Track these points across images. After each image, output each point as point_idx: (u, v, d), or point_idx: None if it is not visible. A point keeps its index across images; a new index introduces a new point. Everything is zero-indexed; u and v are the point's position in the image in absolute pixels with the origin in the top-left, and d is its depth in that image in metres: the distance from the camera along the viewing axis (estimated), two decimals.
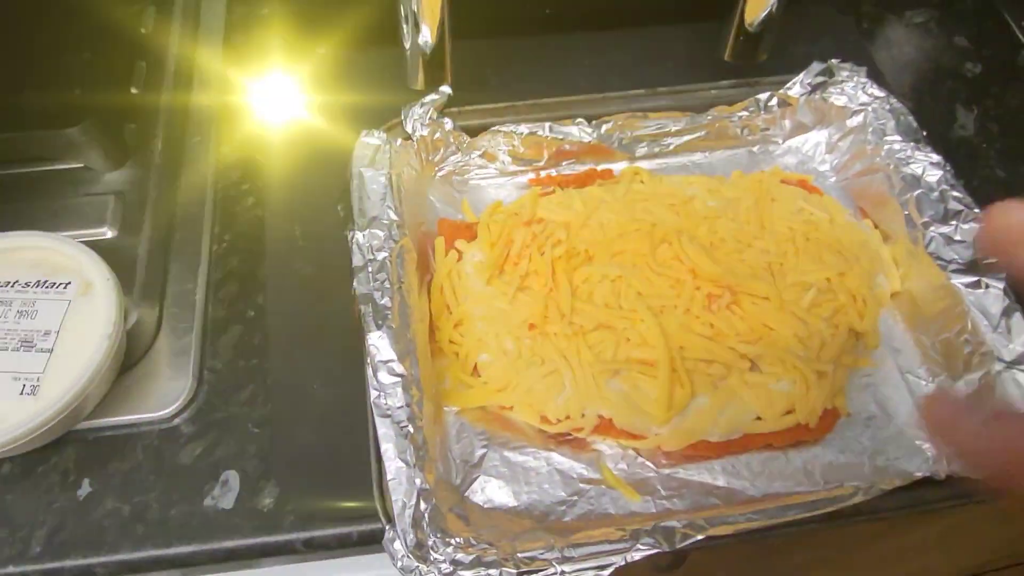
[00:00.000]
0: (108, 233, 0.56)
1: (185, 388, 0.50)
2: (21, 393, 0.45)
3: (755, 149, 0.58)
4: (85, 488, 0.46)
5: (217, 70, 0.65)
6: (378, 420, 0.41)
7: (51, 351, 0.46)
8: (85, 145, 0.56)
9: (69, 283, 0.49)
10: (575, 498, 0.44)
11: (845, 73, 0.55)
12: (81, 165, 0.58)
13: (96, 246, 0.54)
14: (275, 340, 0.51)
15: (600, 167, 0.56)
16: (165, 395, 0.49)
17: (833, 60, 0.55)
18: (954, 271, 0.47)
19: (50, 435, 0.46)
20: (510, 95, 0.60)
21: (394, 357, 0.42)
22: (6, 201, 0.56)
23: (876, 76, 0.65)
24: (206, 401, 0.50)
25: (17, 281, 0.49)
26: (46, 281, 0.49)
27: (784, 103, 0.56)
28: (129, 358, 0.51)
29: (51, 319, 0.47)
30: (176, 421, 0.49)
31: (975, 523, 0.67)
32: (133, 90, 0.63)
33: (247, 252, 0.55)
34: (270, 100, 0.63)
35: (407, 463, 0.39)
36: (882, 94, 0.54)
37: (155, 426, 0.49)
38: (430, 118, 0.52)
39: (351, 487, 0.44)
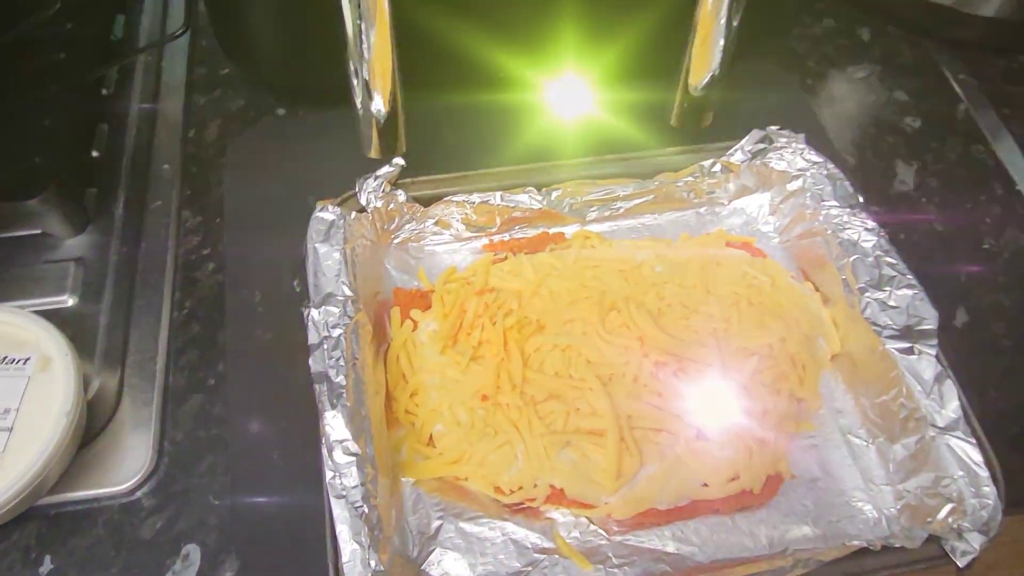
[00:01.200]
0: (69, 301, 0.57)
1: (146, 460, 0.50)
2: None
3: (702, 210, 0.60)
4: (47, 565, 0.47)
5: (178, 133, 0.66)
6: (333, 501, 0.42)
7: (11, 429, 0.47)
8: (45, 213, 0.57)
9: (28, 359, 0.50)
10: (529, 569, 0.45)
11: (783, 139, 0.57)
12: (40, 231, 0.59)
13: (57, 314, 0.55)
14: (235, 409, 0.52)
15: (552, 231, 0.58)
16: (126, 468, 0.50)
17: (771, 128, 0.58)
18: (888, 336, 0.49)
19: (11, 513, 0.46)
20: (464, 156, 0.62)
21: (349, 436, 0.43)
22: None
23: (819, 133, 0.68)
24: (167, 473, 0.50)
25: None
26: (5, 357, 0.50)
27: (726, 169, 0.58)
28: (90, 430, 0.51)
29: (10, 397, 0.48)
30: (137, 494, 0.49)
31: None
32: (95, 153, 0.64)
33: (207, 319, 0.56)
34: (231, 163, 0.64)
35: (361, 545, 0.40)
36: (820, 159, 0.56)
37: (116, 500, 0.49)
38: (384, 190, 0.53)
39: (310, 563, 0.45)
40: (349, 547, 0.40)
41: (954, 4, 0.73)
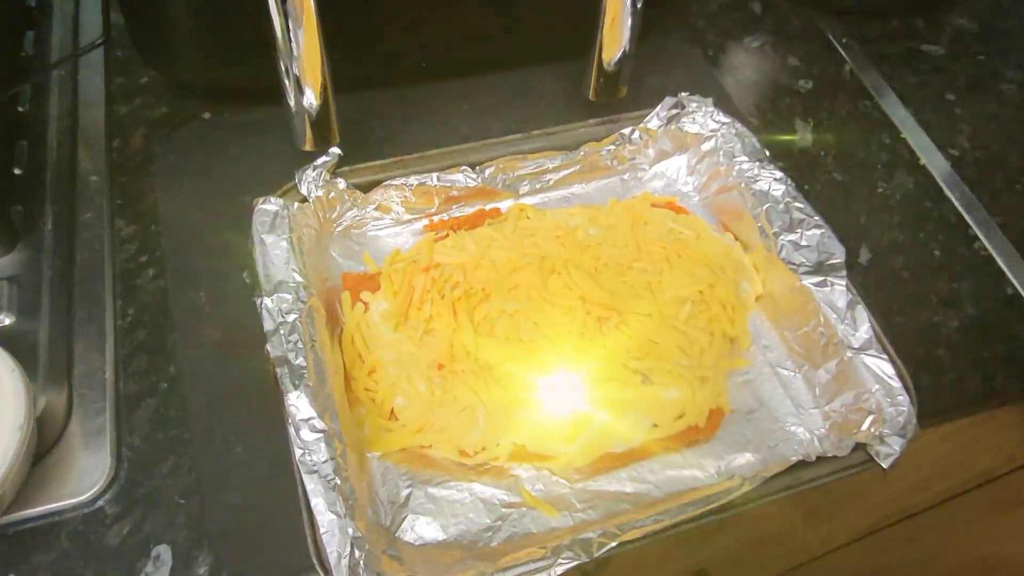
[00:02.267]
0: (6, 320, 0.55)
1: (104, 468, 0.50)
2: None
3: (626, 177, 0.64)
4: None
5: (102, 144, 0.65)
6: (306, 477, 0.43)
7: None
8: None
9: None
10: (499, 523, 0.47)
11: (694, 104, 0.61)
12: None
13: None
14: (193, 409, 0.52)
15: (488, 207, 0.60)
16: (84, 478, 0.50)
17: (682, 93, 0.62)
18: (804, 273, 0.54)
19: None
20: (396, 144, 0.64)
21: (314, 414, 0.44)
22: None
23: (724, 99, 0.73)
24: (128, 478, 0.50)
25: None
26: None
27: (645, 135, 0.62)
28: (41, 446, 0.50)
29: None
30: (99, 503, 0.49)
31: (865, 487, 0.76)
32: (16, 171, 0.63)
33: (153, 324, 0.56)
34: (161, 170, 0.63)
35: (338, 514, 0.42)
36: (728, 120, 0.61)
37: (78, 511, 0.49)
38: (323, 180, 0.54)
39: (285, 544, 0.46)
40: (326, 517, 0.42)
41: None
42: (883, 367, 0.50)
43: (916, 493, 0.79)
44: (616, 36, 0.61)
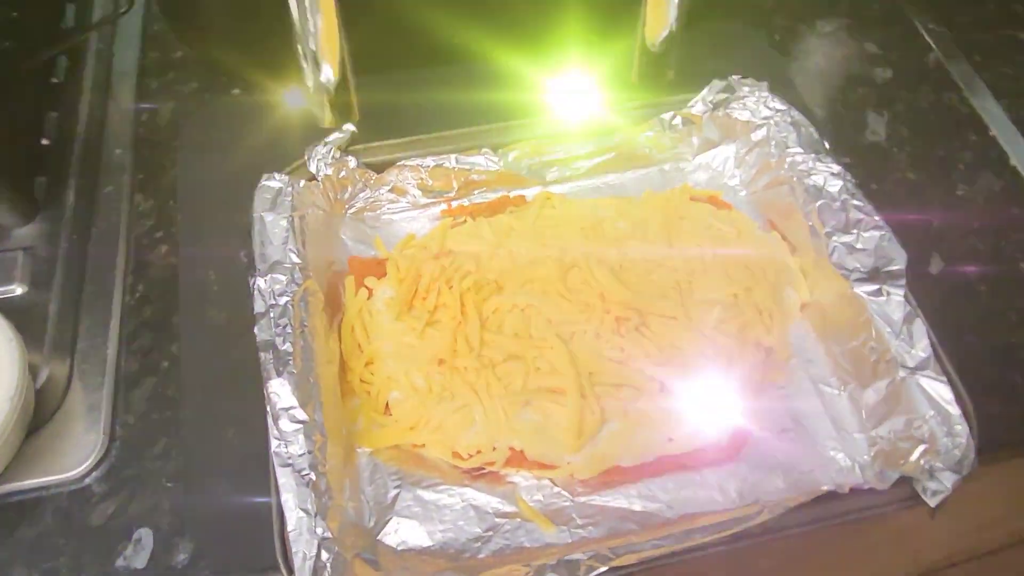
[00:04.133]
0: (18, 290, 0.55)
1: (96, 445, 0.49)
2: None
3: (666, 167, 0.58)
4: None
5: (130, 117, 0.64)
6: (279, 470, 0.40)
7: None
8: None
9: None
10: (490, 534, 0.43)
11: (746, 88, 0.56)
12: None
13: (6, 304, 0.54)
14: (189, 390, 0.50)
15: (513, 193, 0.56)
16: (76, 454, 0.48)
17: (733, 76, 0.56)
18: (856, 280, 0.47)
19: None
20: (422, 124, 0.60)
21: (295, 404, 0.42)
22: None
23: (787, 87, 0.66)
24: (118, 458, 0.49)
25: None
26: None
27: (688, 121, 0.56)
28: (38, 417, 0.50)
29: None
30: (87, 480, 0.48)
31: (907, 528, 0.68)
32: (44, 141, 0.63)
33: (161, 302, 0.55)
34: (184, 145, 0.62)
35: (307, 512, 0.39)
36: (783, 107, 0.55)
37: (65, 487, 0.47)
38: (333, 157, 0.52)
39: (262, 538, 0.43)
40: (295, 515, 0.39)
41: None
42: (941, 391, 0.43)
43: (967, 538, 0.69)
44: (661, 13, 0.56)
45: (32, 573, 0.45)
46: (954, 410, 0.43)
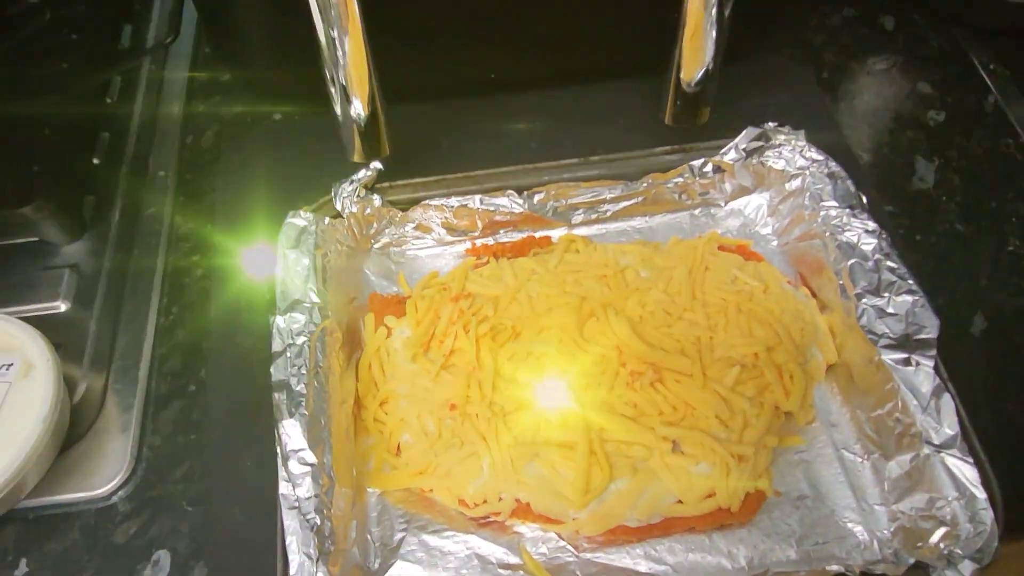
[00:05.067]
0: (62, 306, 0.58)
1: (124, 465, 0.51)
2: None
3: (696, 212, 0.57)
4: (22, 569, 0.47)
5: (176, 140, 0.66)
6: (285, 512, 0.41)
7: None
8: (40, 222, 0.58)
9: (11, 364, 0.50)
10: None
11: (782, 137, 0.54)
12: (38, 239, 0.60)
13: (50, 320, 0.57)
14: (214, 416, 0.52)
15: (538, 234, 0.56)
16: (105, 472, 0.51)
17: (769, 124, 0.54)
18: (885, 346, 0.46)
19: None
20: (456, 159, 0.61)
21: (305, 446, 0.42)
22: None
23: (832, 128, 0.64)
24: (143, 479, 0.50)
25: None
26: None
27: (719, 169, 0.55)
28: (74, 433, 0.52)
29: None
30: (113, 499, 0.50)
31: None
32: (95, 160, 0.65)
33: (193, 325, 0.57)
34: (224, 169, 0.64)
35: (310, 557, 0.40)
36: (820, 157, 0.53)
37: (93, 504, 0.50)
38: (358, 195, 0.52)
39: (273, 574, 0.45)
40: (297, 559, 0.40)
41: None
42: (967, 471, 0.41)
43: None
44: (698, 51, 0.54)
45: None
46: (980, 494, 0.41)
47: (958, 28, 0.72)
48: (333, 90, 0.53)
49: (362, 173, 0.53)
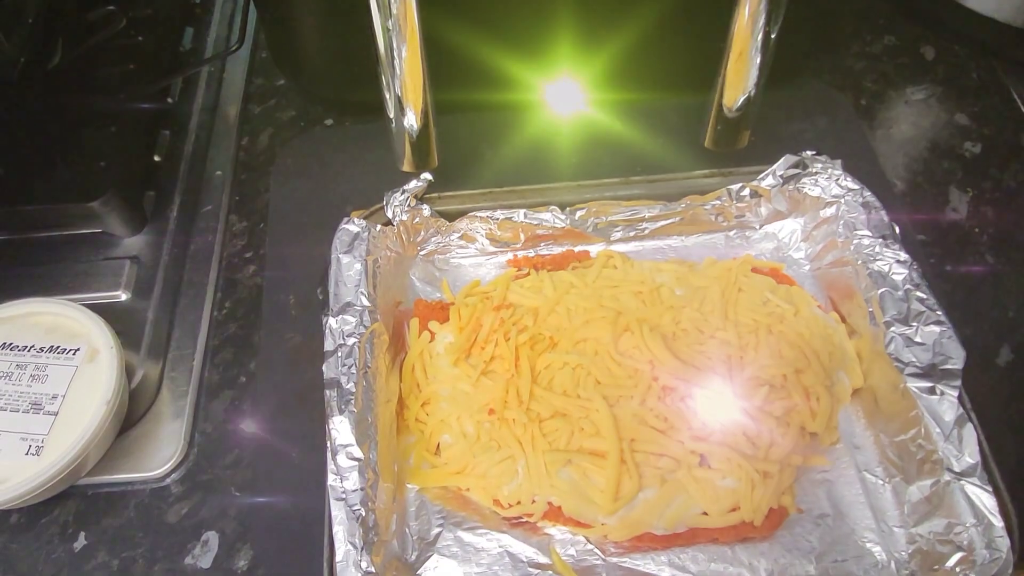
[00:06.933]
0: (122, 296, 0.61)
1: (177, 450, 0.54)
2: (27, 453, 0.49)
3: (732, 234, 0.59)
4: (81, 541, 0.51)
5: (232, 140, 0.70)
6: (333, 503, 0.44)
7: (56, 414, 0.51)
8: (106, 215, 0.61)
9: (78, 349, 0.54)
10: None
11: (819, 165, 0.56)
12: (101, 231, 0.63)
13: (111, 308, 0.60)
14: (262, 407, 0.55)
15: (577, 248, 0.58)
16: (159, 455, 0.54)
17: (806, 152, 0.56)
18: (911, 374, 0.47)
19: (52, 491, 0.50)
20: (495, 172, 0.63)
21: (353, 441, 0.45)
22: (32, 264, 0.62)
23: (868, 156, 0.65)
24: (195, 463, 0.53)
25: (34, 346, 0.54)
26: (58, 347, 0.54)
27: (756, 194, 0.57)
28: (131, 416, 0.55)
29: (59, 384, 0.52)
30: (167, 481, 0.53)
31: None
32: (156, 158, 0.68)
33: (244, 319, 0.60)
34: (278, 171, 0.67)
35: (355, 546, 0.42)
36: (856, 186, 0.55)
37: (148, 485, 0.53)
38: (409, 204, 0.55)
39: (313, 561, 0.47)
40: (343, 548, 0.42)
41: None
42: (985, 500, 0.43)
43: None
44: (742, 76, 0.55)
45: (113, 560, 0.50)
46: (997, 522, 0.42)
47: (998, 61, 0.73)
48: (388, 99, 0.55)
49: (413, 183, 0.55)
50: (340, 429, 0.46)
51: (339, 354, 0.48)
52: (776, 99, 0.67)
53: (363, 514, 0.43)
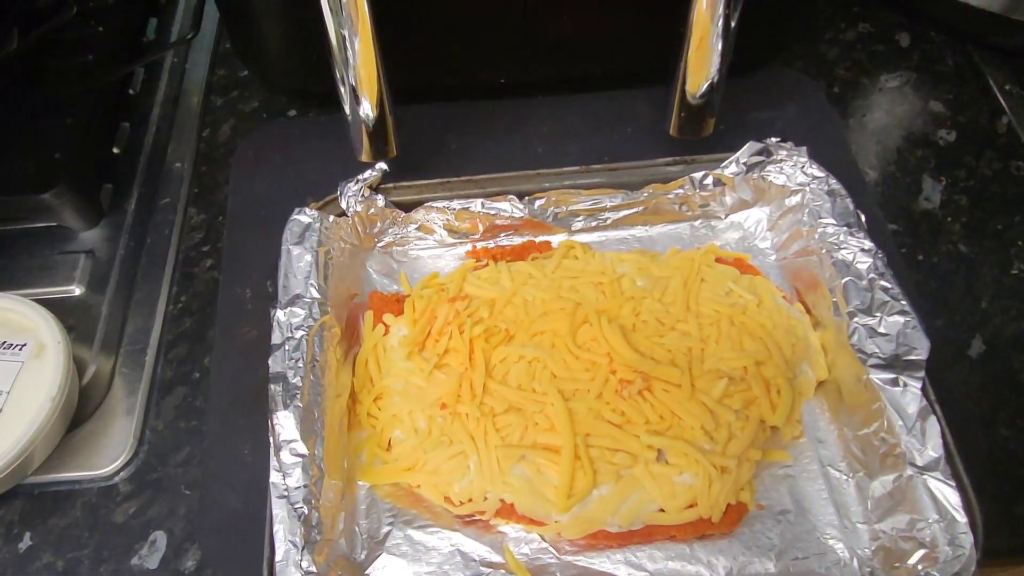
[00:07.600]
0: (76, 290, 0.59)
1: (127, 447, 0.52)
2: None
3: (697, 223, 0.58)
4: (26, 542, 0.49)
5: (193, 132, 0.68)
6: (274, 501, 0.42)
7: (0, 411, 0.50)
8: (59, 207, 0.60)
9: (25, 344, 0.52)
10: None
11: (784, 152, 0.54)
12: (57, 224, 0.62)
13: (64, 303, 0.59)
14: (214, 404, 0.53)
15: (538, 239, 0.57)
16: (109, 453, 0.52)
17: (771, 140, 0.55)
18: (873, 365, 0.46)
19: None
20: (463, 161, 0.62)
21: (297, 437, 0.44)
22: None
23: (839, 144, 0.64)
24: (145, 461, 0.52)
25: None
26: (4, 342, 0.52)
27: (719, 182, 0.55)
28: (81, 413, 0.54)
29: (3, 380, 0.51)
30: (115, 480, 0.52)
31: None
32: (115, 150, 0.67)
33: (199, 314, 0.58)
34: (238, 163, 0.66)
35: (295, 545, 0.41)
36: (821, 174, 0.53)
37: (96, 484, 0.51)
38: (363, 195, 0.53)
39: (258, 562, 0.46)
40: (283, 547, 0.41)
41: (1003, 10, 0.68)
42: (948, 495, 0.42)
43: None
44: (703, 63, 0.54)
45: (58, 561, 0.48)
46: (960, 518, 0.41)
47: (975, 48, 0.71)
48: (343, 90, 0.54)
49: (367, 173, 0.54)
50: (284, 424, 0.44)
51: (286, 347, 0.47)
52: (746, 87, 0.66)
53: (306, 512, 0.42)
